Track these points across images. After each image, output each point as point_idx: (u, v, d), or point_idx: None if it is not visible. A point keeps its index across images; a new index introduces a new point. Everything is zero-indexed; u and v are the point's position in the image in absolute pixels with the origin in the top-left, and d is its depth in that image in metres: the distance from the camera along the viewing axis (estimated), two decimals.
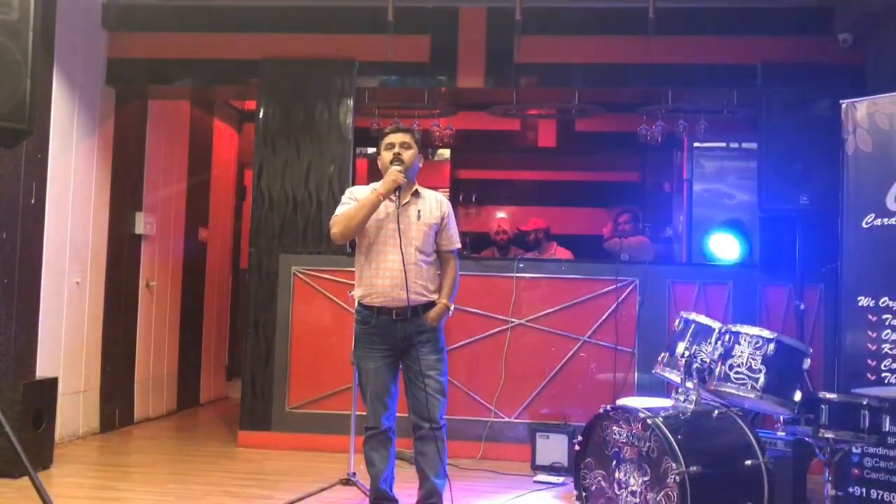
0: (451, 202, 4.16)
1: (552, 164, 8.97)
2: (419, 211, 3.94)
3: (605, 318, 5.70)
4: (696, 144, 7.17)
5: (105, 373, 6.16)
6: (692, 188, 7.23)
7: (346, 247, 5.38)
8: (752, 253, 6.00)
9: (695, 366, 3.83)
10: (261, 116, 6.06)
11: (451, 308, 3.99)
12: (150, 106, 6.64)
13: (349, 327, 4.19)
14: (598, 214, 8.52)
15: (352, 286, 4.09)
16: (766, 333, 3.79)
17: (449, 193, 8.42)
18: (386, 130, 4.08)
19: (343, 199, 4.01)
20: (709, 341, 3.93)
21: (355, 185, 4.71)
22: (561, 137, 8.76)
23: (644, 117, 6.44)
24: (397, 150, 3.94)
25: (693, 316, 4.11)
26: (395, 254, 3.84)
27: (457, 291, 4.05)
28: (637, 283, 5.69)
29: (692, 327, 4.03)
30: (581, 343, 5.70)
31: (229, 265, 8.34)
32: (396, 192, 3.85)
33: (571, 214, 8.72)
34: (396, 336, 3.89)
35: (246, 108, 8.12)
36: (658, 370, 4.19)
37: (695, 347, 3.93)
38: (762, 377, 3.68)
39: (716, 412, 3.77)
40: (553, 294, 5.77)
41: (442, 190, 6.27)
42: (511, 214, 8.72)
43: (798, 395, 3.62)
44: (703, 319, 4.06)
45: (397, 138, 3.98)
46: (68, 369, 5.68)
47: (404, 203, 3.92)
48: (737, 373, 3.75)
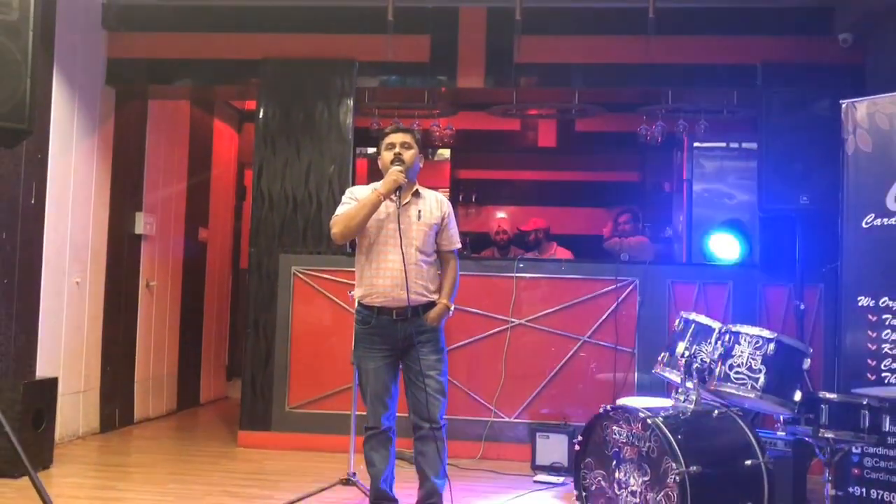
0: (451, 202, 4.15)
1: (552, 164, 8.97)
2: (420, 211, 3.94)
3: (605, 318, 5.70)
4: (696, 144, 7.17)
5: (105, 373, 6.16)
6: (692, 188, 7.23)
7: (346, 247, 5.38)
8: (752, 253, 6.00)
9: (695, 366, 3.83)
10: (261, 116, 6.06)
11: (452, 308, 3.99)
12: (150, 106, 6.64)
13: (349, 327, 4.19)
14: (598, 214, 8.52)
15: (352, 286, 4.09)
16: (766, 333, 3.79)
17: (449, 193, 8.42)
18: (387, 130, 4.07)
19: (343, 199, 4.00)
20: (709, 341, 3.93)
21: (355, 185, 4.70)
22: (561, 137, 8.76)
23: (644, 117, 6.44)
24: (398, 149, 3.93)
25: (693, 316, 4.11)
26: (395, 254, 3.84)
27: (457, 291, 4.05)
28: (637, 283, 5.70)
29: (692, 327, 4.03)
30: (581, 343, 5.71)
31: (229, 265, 8.33)
32: (397, 192, 3.85)
33: (571, 214, 8.72)
34: (397, 336, 3.88)
35: (246, 108, 8.12)
36: (658, 370, 4.19)
37: (695, 347, 3.93)
38: (762, 377, 3.68)
39: (716, 412, 3.77)
40: (553, 294, 5.77)
41: (442, 190, 6.26)
42: (511, 214, 8.71)
43: (798, 395, 3.62)
44: (703, 319, 4.06)
45: (398, 138, 3.97)
46: (68, 369, 5.68)
47: (405, 203, 3.91)
48: (737, 373, 3.75)
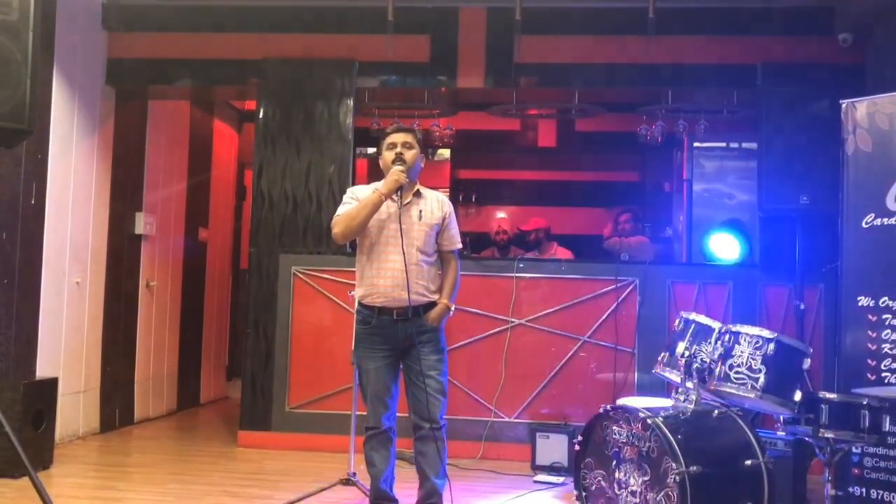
0: (452, 202, 4.15)
1: (552, 164, 8.97)
2: (421, 211, 3.94)
3: (605, 318, 5.70)
4: (696, 144, 7.17)
5: (105, 373, 6.16)
6: (692, 188, 7.23)
7: (347, 247, 5.38)
8: (752, 253, 6.00)
9: (695, 366, 3.83)
10: (261, 116, 6.06)
11: (452, 308, 3.99)
12: (150, 106, 6.64)
13: (349, 327, 4.19)
14: (598, 214, 8.53)
15: (352, 286, 4.09)
16: (766, 333, 3.78)
17: (449, 193, 8.41)
18: (388, 130, 4.06)
19: (344, 199, 4.00)
20: (709, 341, 3.93)
21: (355, 185, 4.70)
22: (561, 137, 8.76)
23: (644, 117, 6.44)
24: (399, 149, 3.93)
25: (693, 316, 4.10)
26: (396, 254, 3.83)
27: (457, 291, 4.05)
28: (637, 283, 5.70)
29: (692, 327, 4.03)
30: (581, 343, 5.71)
31: (229, 265, 8.33)
32: (398, 192, 3.85)
33: (571, 214, 8.72)
34: (397, 336, 3.88)
35: (246, 108, 8.12)
36: (658, 370, 4.18)
37: (695, 347, 3.93)
38: (762, 377, 3.68)
39: (716, 412, 3.77)
40: (553, 294, 5.77)
41: (442, 190, 6.26)
42: (511, 214, 8.72)
43: (798, 395, 3.62)
44: (703, 319, 4.05)
45: (399, 138, 3.97)
46: (68, 369, 5.68)
47: (406, 203, 3.91)
48: (737, 373, 3.75)
